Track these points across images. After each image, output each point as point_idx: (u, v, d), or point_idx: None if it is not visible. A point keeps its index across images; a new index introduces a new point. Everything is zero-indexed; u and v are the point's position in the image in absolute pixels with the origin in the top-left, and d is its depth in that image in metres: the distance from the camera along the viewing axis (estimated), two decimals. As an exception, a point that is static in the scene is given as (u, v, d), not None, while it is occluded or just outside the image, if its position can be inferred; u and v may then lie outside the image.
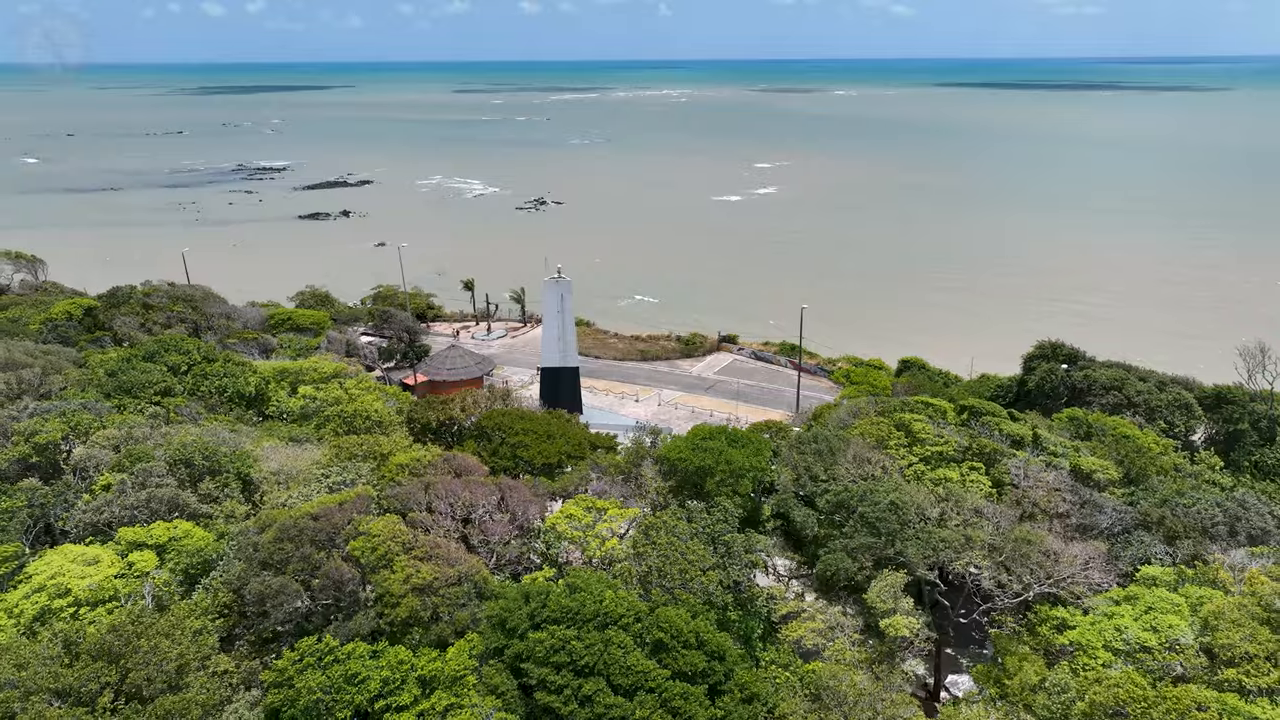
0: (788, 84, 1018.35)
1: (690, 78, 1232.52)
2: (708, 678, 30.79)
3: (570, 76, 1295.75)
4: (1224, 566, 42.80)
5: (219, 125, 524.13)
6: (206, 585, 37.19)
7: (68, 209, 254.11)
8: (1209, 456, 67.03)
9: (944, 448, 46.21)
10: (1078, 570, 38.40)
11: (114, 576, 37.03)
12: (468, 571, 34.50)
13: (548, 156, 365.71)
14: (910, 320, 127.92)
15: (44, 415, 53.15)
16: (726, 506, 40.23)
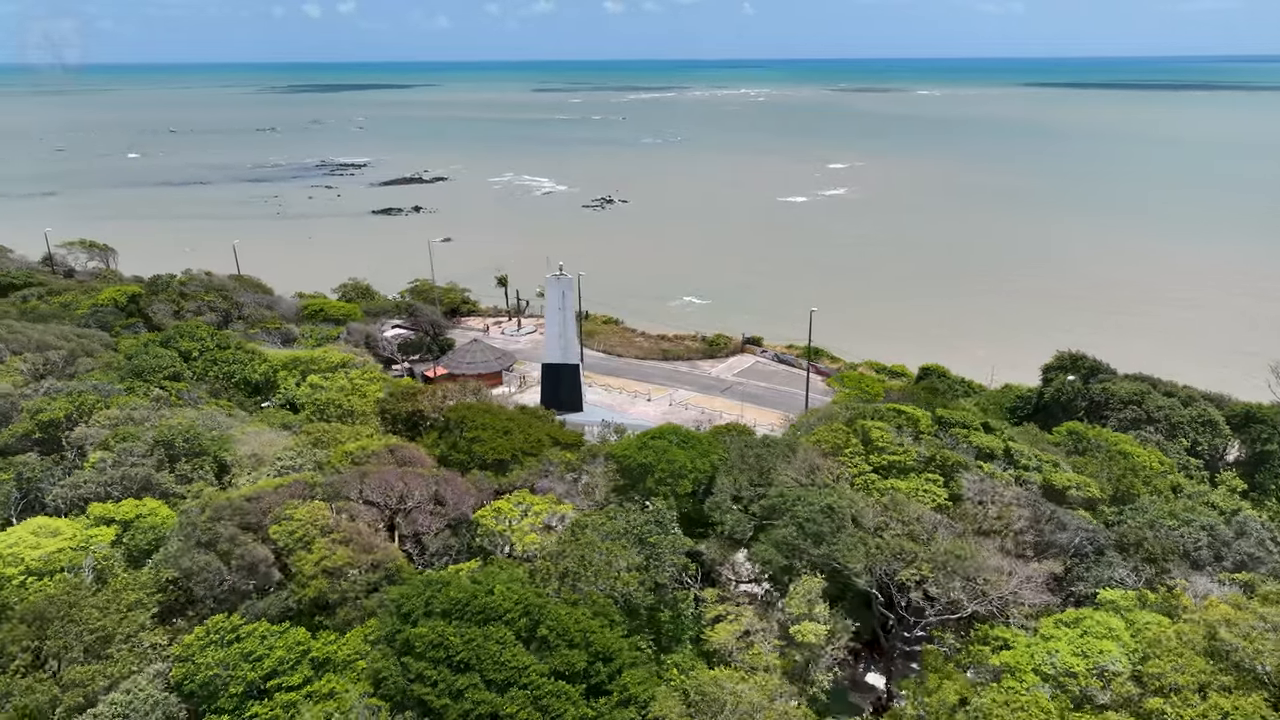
0: (870, 83, 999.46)
1: (771, 77, 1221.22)
2: (590, 677, 30.94)
3: (650, 75, 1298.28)
4: (1187, 592, 40.86)
5: (308, 123, 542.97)
6: (154, 561, 39.00)
7: (158, 201, 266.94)
8: (1230, 477, 63.71)
9: (902, 457, 45.12)
10: (1009, 588, 37.08)
11: (72, 549, 39.14)
12: (383, 559, 35.39)
13: (619, 155, 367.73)
14: (957, 326, 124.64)
15: (52, 395, 56.37)
16: (660, 507, 40.20)
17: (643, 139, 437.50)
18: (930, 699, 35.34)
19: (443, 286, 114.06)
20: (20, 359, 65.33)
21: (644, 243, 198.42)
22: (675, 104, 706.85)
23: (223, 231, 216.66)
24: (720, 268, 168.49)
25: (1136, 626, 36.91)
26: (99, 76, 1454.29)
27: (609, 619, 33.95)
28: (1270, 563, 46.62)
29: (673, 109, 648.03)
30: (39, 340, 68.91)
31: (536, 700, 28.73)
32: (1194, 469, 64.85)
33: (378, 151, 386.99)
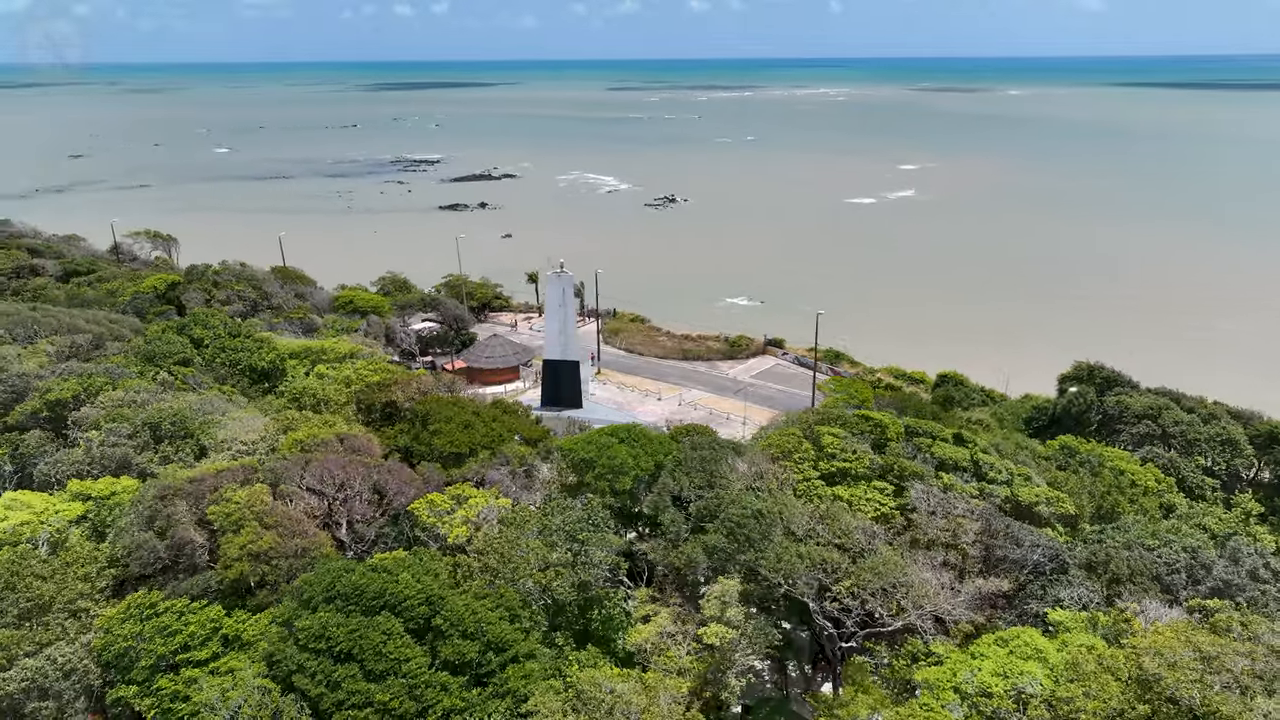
0: (956, 83, 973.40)
1: (853, 76, 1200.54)
2: (479, 668, 31.42)
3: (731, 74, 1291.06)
4: (1140, 616, 39.17)
5: (390, 120, 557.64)
6: (111, 537, 40.99)
7: (238, 194, 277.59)
8: (1245, 499, 60.58)
9: (853, 464, 44.27)
10: (938, 604, 36.11)
11: (38, 521, 41.46)
12: (310, 545, 36.53)
13: (688, 155, 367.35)
14: (1004, 332, 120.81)
15: (65, 376, 59.57)
16: (595, 503, 40.43)
17: (716, 138, 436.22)
18: (842, 712, 34.73)
19: (475, 281, 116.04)
20: (48, 341, 69.20)
21: (700, 242, 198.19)
22: (752, 103, 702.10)
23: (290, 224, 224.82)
24: (774, 269, 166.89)
25: (1070, 649, 35.55)
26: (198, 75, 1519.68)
27: (513, 613, 34.36)
28: (1252, 590, 44.28)
29: (749, 108, 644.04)
30: (70, 324, 72.85)
31: (412, 689, 29.31)
32: (1209, 489, 61.89)
33: (452, 148, 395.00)
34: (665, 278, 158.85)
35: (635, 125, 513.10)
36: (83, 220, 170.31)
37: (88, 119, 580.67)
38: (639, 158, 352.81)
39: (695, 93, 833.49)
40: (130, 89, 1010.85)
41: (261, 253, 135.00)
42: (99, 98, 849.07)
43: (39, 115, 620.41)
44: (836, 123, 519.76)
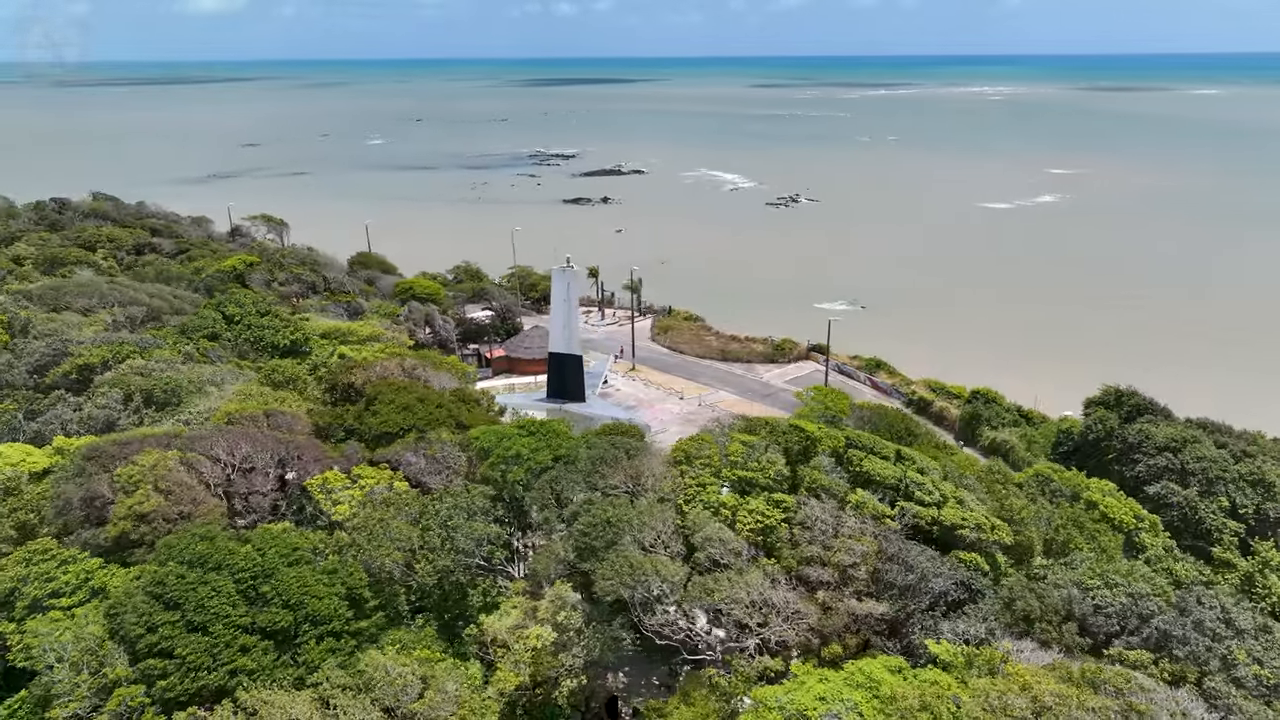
0: (1134, 82, 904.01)
1: (1017, 74, 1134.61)
2: (294, 637, 33.09)
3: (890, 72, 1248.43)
4: (1020, 656, 36.55)
5: (538, 115, 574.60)
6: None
7: (382, 183, 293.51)
8: (1267, 547, 54.67)
9: (756, 474, 43.05)
10: (776, 626, 34.85)
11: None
12: (196, 511, 39.33)
13: (823, 154, 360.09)
14: (1099, 349, 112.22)
15: (98, 343, 65.91)
16: (474, 492, 41.36)
17: (856, 137, 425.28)
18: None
19: (539, 274, 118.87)
20: (108, 312, 76.62)
21: (813, 243, 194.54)
22: (904, 102, 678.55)
23: (415, 212, 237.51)
24: (883, 273, 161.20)
25: (912, 683, 33.62)
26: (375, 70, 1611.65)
27: (355, 591, 35.85)
28: (1197, 645, 40.24)
29: (899, 107, 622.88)
30: (133, 298, 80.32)
31: (213, 647, 31.27)
32: (1228, 533, 56.21)
33: (589, 143, 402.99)
34: (763, 278, 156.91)
35: (776, 123, 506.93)
36: (234, 203, 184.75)
37: (271, 112, 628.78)
38: (770, 156, 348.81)
39: (846, 90, 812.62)
40: (313, 84, 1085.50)
41: (376, 237, 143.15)
42: (285, 92, 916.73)
43: (230, 108, 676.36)
44: (988, 123, 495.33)
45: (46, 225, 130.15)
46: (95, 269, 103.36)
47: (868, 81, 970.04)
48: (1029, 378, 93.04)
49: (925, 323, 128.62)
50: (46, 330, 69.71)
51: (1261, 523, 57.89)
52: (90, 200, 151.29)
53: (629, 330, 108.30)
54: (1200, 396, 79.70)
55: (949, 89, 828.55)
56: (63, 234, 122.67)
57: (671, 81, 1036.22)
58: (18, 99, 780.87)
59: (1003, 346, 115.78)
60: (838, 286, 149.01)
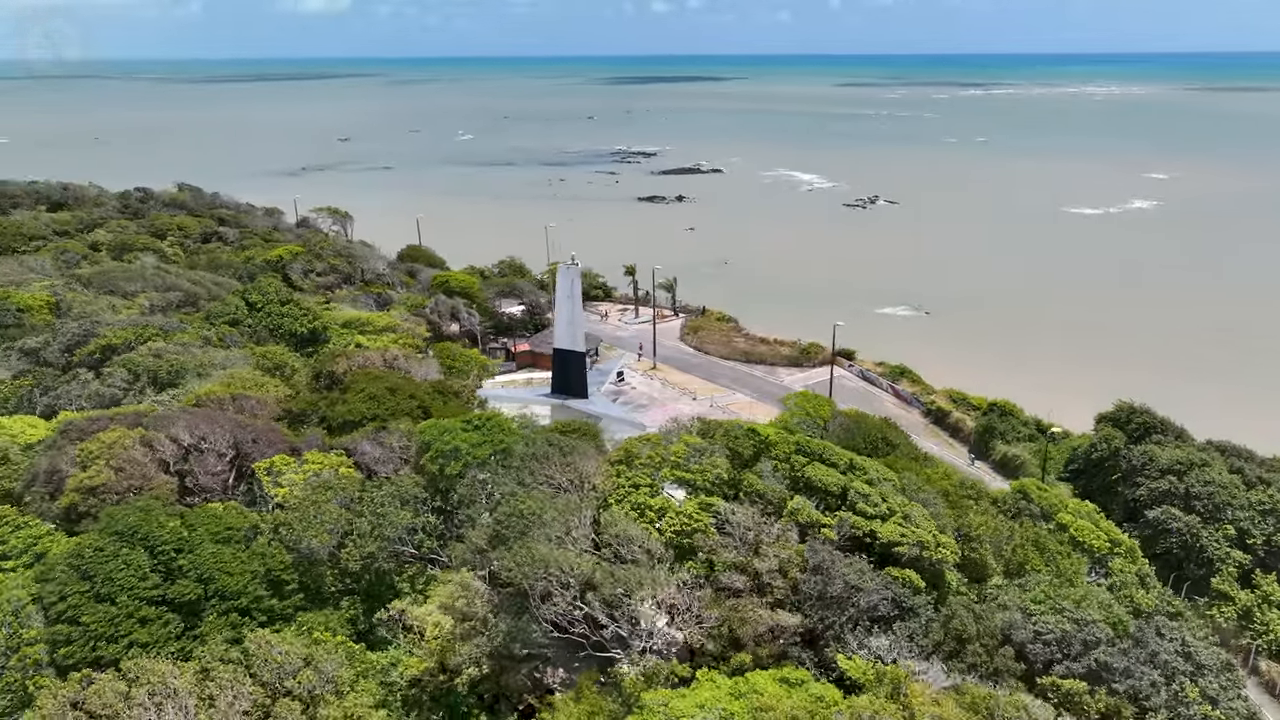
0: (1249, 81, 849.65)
1: (1123, 73, 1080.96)
2: (200, 611, 34.63)
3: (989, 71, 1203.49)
4: (926, 676, 35.45)
5: (625, 113, 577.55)
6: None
7: (461, 178, 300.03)
8: (1269, 581, 51.38)
9: (695, 476, 42.75)
10: (658, 627, 34.59)
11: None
12: (146, 487, 41.44)
13: (906, 154, 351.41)
14: (1169, 368, 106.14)
15: (124, 326, 69.75)
16: (408, 481, 42.35)
17: (943, 138, 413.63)
18: (546, 714, 34.55)
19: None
20: (146, 296, 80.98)
21: (884, 245, 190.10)
22: (997, 102, 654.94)
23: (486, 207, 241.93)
24: (953, 278, 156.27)
25: (794, 698, 32.98)
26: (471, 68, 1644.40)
27: (275, 571, 37.24)
28: (1142, 678, 38.38)
29: (991, 107, 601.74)
30: (173, 283, 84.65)
31: (114, 617, 32.98)
32: (1231, 563, 53.03)
33: (671, 141, 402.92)
34: (825, 280, 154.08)
35: (860, 122, 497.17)
36: (323, 195, 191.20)
37: (368, 108, 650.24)
38: (851, 156, 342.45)
39: (937, 90, 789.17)
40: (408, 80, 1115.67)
41: (441, 231, 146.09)
42: (382, 88, 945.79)
43: (330, 104, 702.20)
44: (1087, 124, 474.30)
45: (130, 213, 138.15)
46: (160, 255, 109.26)
47: (962, 80, 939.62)
48: (1087, 391, 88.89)
49: (988, 330, 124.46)
50: (83, 312, 74.18)
51: (1272, 554, 54.30)
52: (174, 190, 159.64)
53: (661, 329, 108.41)
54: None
55: (1048, 88, 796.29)
56: (139, 221, 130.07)
57: (759, 79, 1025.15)
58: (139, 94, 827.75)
59: (1065, 358, 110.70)
60: (903, 290, 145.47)
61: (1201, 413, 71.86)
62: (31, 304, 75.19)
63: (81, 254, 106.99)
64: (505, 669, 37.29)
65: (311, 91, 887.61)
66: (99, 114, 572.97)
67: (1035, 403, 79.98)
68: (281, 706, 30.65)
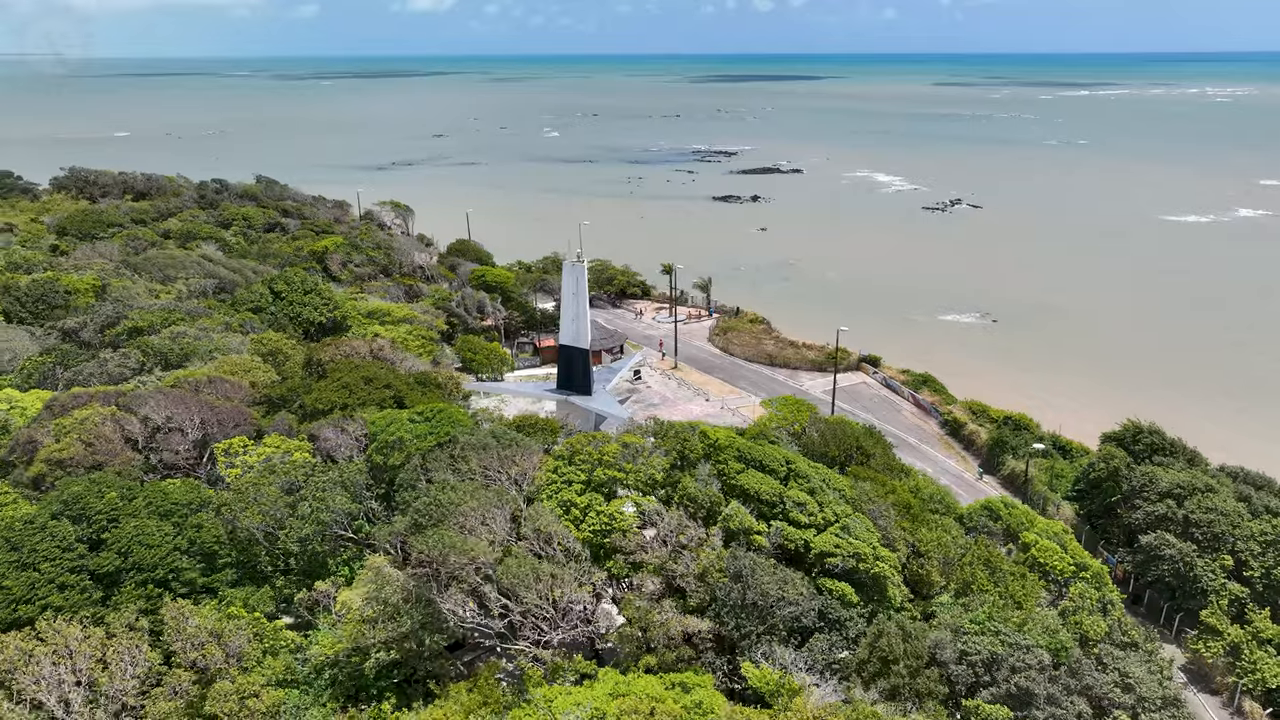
0: None
1: (1252, 73, 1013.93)
2: (118, 582, 36.58)
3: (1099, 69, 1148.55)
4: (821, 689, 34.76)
5: (713, 111, 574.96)
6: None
7: (542, 174, 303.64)
8: (1261, 617, 48.16)
9: (626, 476, 42.65)
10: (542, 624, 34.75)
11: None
12: (109, 461, 43.84)
13: (999, 157, 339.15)
14: (1239, 389, 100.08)
15: (151, 309, 73.67)
16: (350, 469, 43.56)
17: (1042, 140, 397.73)
18: (444, 703, 35.14)
19: (617, 268, 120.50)
20: (185, 282, 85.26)
21: (960, 249, 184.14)
22: (1107, 103, 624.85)
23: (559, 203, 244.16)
24: (1028, 285, 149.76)
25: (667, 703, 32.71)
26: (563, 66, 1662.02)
27: (205, 546, 38.98)
28: (1067, 709, 36.84)
29: (1100, 108, 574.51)
30: (211, 270, 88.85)
31: (34, 583, 35.11)
32: (1225, 596, 49.89)
33: (756, 140, 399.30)
34: (890, 284, 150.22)
35: (955, 123, 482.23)
36: (397, 189, 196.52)
37: (465, 104, 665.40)
38: (940, 158, 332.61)
39: (1043, 90, 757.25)
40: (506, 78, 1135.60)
41: (508, 225, 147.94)
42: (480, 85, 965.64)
43: (429, 100, 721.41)
44: (1203, 128, 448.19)
45: (205, 203, 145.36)
46: (221, 244, 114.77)
47: (1073, 80, 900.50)
48: (1146, 410, 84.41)
49: (1054, 341, 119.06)
50: (121, 296, 78.63)
51: (1271, 589, 50.67)
52: (250, 183, 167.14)
53: (692, 329, 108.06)
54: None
55: (1166, 89, 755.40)
56: (209, 211, 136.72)
57: (855, 78, 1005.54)
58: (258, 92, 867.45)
59: (1131, 373, 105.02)
60: (971, 297, 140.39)
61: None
62: (78, 286, 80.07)
63: (150, 241, 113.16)
64: (418, 654, 38.08)
65: (415, 88, 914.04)
66: (218, 110, 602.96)
67: (1096, 421, 74.54)
68: (173, 676, 32.08)
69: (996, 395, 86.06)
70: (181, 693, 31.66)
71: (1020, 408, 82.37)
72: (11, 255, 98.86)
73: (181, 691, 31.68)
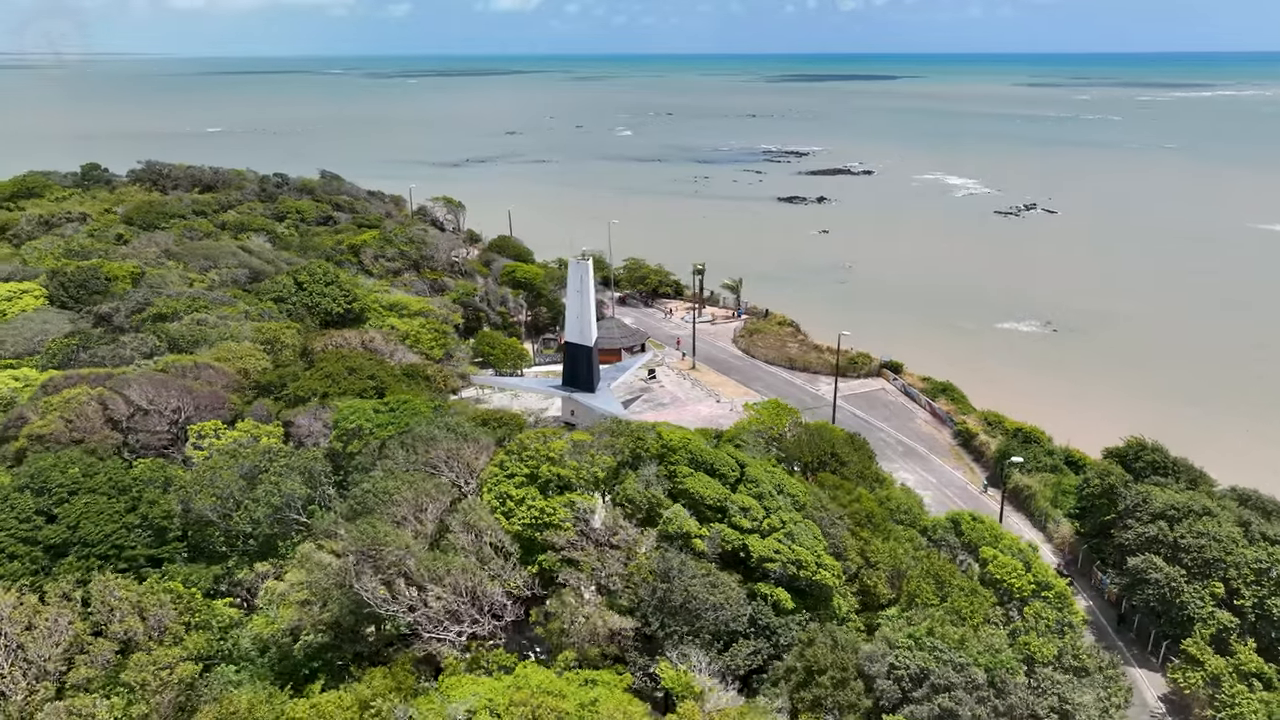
0: None
1: None
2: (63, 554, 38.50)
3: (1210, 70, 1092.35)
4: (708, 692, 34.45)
5: (789, 111, 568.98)
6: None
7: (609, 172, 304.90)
8: (1244, 650, 45.63)
9: (570, 473, 42.78)
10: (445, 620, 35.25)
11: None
12: (87, 439, 46.12)
13: (1082, 160, 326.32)
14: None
15: (175, 296, 76.94)
16: (311, 455, 44.82)
17: (1128, 143, 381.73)
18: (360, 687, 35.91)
19: (651, 267, 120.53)
20: (218, 271, 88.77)
21: (1030, 256, 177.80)
22: (1209, 104, 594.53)
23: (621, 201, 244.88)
24: (1097, 294, 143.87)
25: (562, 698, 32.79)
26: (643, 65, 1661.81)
27: (153, 522, 40.71)
28: None
29: (1197, 110, 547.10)
30: (245, 260, 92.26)
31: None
32: (1210, 625, 47.43)
33: (828, 141, 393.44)
34: (948, 290, 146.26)
35: (1036, 125, 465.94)
36: (464, 186, 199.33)
37: (542, 102, 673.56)
38: (1016, 161, 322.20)
39: (1140, 90, 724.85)
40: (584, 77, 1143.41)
41: (564, 222, 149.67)
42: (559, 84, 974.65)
43: (508, 98, 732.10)
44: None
45: (265, 196, 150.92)
46: (272, 235, 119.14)
47: (1166, 81, 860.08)
48: (1199, 427, 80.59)
49: (1114, 351, 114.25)
50: (155, 283, 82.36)
51: (1264, 620, 47.78)
52: (312, 178, 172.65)
53: (718, 329, 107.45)
54: None
55: (1257, 89, 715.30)
56: (266, 204, 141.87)
57: (934, 78, 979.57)
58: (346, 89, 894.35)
59: (1192, 388, 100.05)
60: (1035, 305, 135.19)
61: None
62: (118, 273, 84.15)
63: (205, 232, 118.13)
64: (348, 639, 39.04)
65: (495, 86, 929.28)
66: (307, 106, 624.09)
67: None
68: (96, 645, 33.64)
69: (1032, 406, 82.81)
70: (102, 662, 33.17)
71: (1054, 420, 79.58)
72: (71, 243, 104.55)
73: (101, 661, 33.19)
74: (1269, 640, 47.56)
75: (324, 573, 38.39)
